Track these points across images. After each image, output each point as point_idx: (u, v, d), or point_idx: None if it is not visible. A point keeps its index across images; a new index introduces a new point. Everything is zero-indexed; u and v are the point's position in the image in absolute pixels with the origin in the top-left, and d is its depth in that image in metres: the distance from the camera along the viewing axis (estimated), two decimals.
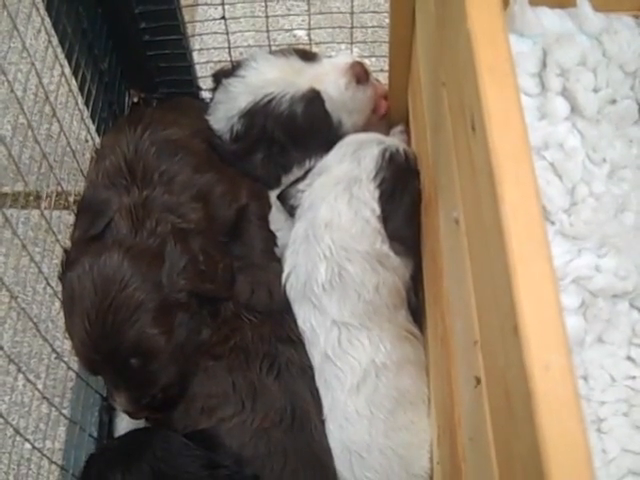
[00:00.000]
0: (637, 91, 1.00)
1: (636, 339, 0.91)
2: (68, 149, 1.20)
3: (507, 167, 0.55)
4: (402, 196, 1.14)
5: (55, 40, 1.17)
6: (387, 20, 1.20)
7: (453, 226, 0.82)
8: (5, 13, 0.95)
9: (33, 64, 1.01)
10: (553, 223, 0.94)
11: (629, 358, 0.91)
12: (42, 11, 1.11)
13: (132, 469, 0.99)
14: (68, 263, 1.11)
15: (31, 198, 1.47)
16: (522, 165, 0.55)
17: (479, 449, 0.69)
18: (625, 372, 0.90)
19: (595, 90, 0.98)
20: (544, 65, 0.98)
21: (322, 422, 1.10)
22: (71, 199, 1.32)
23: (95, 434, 1.20)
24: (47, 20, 1.13)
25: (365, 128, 1.28)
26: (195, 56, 1.43)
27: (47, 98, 1.10)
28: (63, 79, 1.18)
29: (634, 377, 0.90)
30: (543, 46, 0.99)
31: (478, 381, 0.68)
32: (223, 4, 1.32)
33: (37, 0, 1.09)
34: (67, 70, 1.21)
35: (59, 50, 1.18)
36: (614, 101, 0.99)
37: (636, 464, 0.84)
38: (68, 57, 1.20)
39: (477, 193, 0.63)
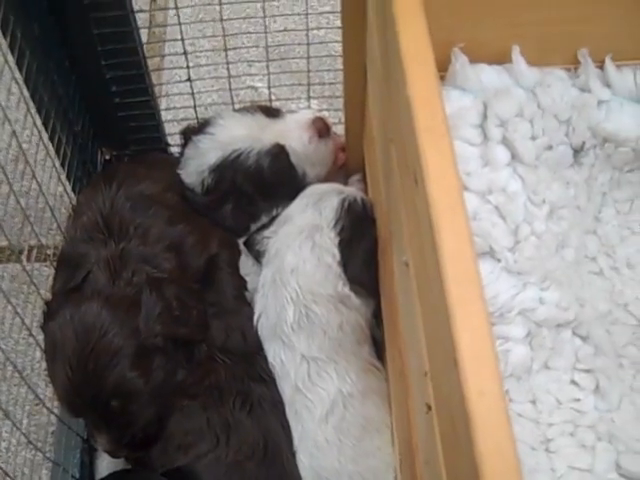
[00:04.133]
0: (571, 137, 1.04)
1: (579, 364, 0.95)
2: (45, 205, 1.22)
3: (444, 218, 0.60)
4: (360, 242, 1.18)
5: (33, 108, 1.20)
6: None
7: (404, 269, 0.86)
8: None
9: (14, 131, 1.05)
10: (499, 261, 0.98)
11: (573, 382, 0.94)
12: (21, 82, 1.14)
13: None
14: (49, 313, 1.13)
15: (8, 252, 1.50)
16: (457, 216, 0.60)
17: (433, 471, 0.73)
18: (570, 395, 0.93)
19: (532, 138, 1.03)
20: (485, 117, 1.02)
21: (293, 454, 1.13)
22: (49, 252, 1.35)
23: (77, 475, 1.21)
24: (25, 91, 1.17)
25: (326, 178, 1.33)
26: (163, 114, 1.47)
27: (26, 160, 1.14)
28: (41, 142, 1.22)
29: (578, 399, 0.93)
30: (483, 99, 1.04)
31: (429, 408, 0.72)
32: (188, 67, 1.36)
33: (17, 75, 1.13)
34: (44, 134, 1.24)
35: (37, 116, 1.21)
36: (550, 147, 1.04)
37: None
38: (45, 122, 1.24)
39: (421, 240, 0.69)
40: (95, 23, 1.23)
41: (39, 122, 1.22)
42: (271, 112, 1.33)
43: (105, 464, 1.23)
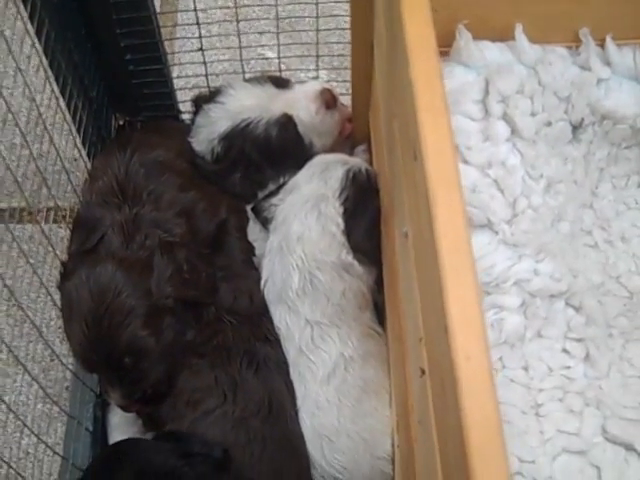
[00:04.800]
0: (570, 114, 1.06)
1: (571, 333, 0.97)
2: (60, 168, 1.25)
3: (440, 192, 0.64)
4: (363, 212, 1.22)
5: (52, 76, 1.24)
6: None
7: (404, 239, 0.90)
8: (10, 57, 1.03)
9: (34, 99, 1.08)
10: (497, 233, 1.00)
11: (564, 350, 0.97)
12: (40, 51, 1.17)
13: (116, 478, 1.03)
14: (66, 274, 1.16)
15: (24, 213, 1.53)
16: (453, 191, 0.64)
17: (425, 429, 0.77)
18: (561, 363, 0.96)
19: (532, 114, 1.04)
20: (487, 93, 1.04)
21: (296, 412, 1.16)
22: (63, 214, 1.39)
23: (91, 428, 1.25)
24: (44, 59, 1.20)
25: (332, 148, 1.35)
26: (175, 82, 1.48)
27: (44, 124, 1.17)
28: (58, 109, 1.25)
29: (569, 367, 0.95)
30: (486, 76, 1.05)
31: (423, 372, 0.76)
32: (200, 37, 1.38)
33: (36, 42, 1.16)
34: (61, 101, 1.27)
35: (54, 84, 1.25)
36: (550, 123, 1.05)
37: (569, 443, 0.89)
38: (62, 89, 1.27)
39: (418, 212, 0.72)
40: None
41: (57, 89, 1.25)
42: (280, 82, 1.35)
43: (117, 418, 1.27)
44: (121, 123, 1.51)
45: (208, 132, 1.33)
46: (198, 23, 1.35)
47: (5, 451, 1.30)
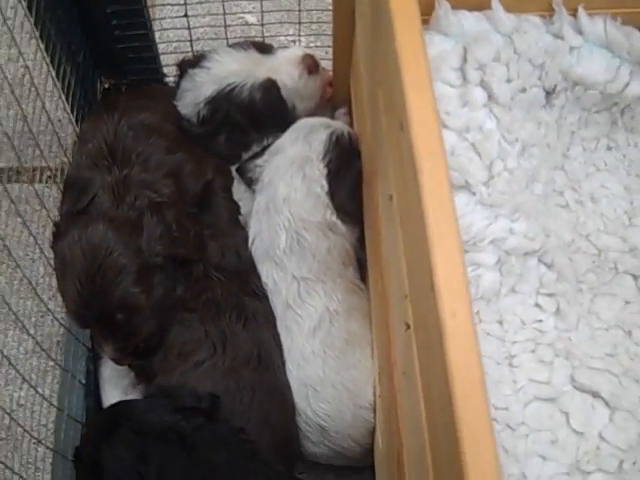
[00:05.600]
0: (544, 80, 1.07)
1: (543, 289, 1.01)
2: (45, 129, 1.27)
3: (425, 160, 0.67)
4: (346, 174, 1.25)
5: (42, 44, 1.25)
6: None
7: (388, 202, 0.93)
8: (4, 27, 1.04)
9: (27, 66, 1.10)
10: (474, 194, 1.02)
11: (537, 305, 1.00)
12: (32, 20, 1.19)
13: (116, 440, 1.03)
14: (59, 234, 1.18)
15: (10, 173, 1.53)
16: (437, 159, 0.68)
17: (410, 380, 0.81)
18: (533, 317, 0.99)
19: (508, 81, 1.05)
20: (465, 60, 1.05)
21: (283, 363, 1.20)
22: (49, 174, 1.40)
23: (84, 381, 1.28)
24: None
25: (314, 111, 1.38)
26: (160, 47, 1.49)
27: (36, 90, 1.19)
28: (49, 73, 1.27)
29: (541, 320, 0.99)
30: (464, 44, 1.06)
31: (408, 326, 0.79)
32: (185, 3, 1.40)
33: (27, 13, 1.17)
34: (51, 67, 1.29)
35: (45, 50, 1.26)
36: (524, 90, 1.06)
37: (540, 391, 0.93)
38: (52, 55, 1.27)
39: (404, 178, 0.75)
40: None
41: (46, 55, 1.26)
42: (264, 48, 1.37)
43: (109, 371, 1.30)
44: (107, 86, 1.51)
45: (194, 96, 1.34)
46: None
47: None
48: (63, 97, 1.34)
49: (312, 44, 1.66)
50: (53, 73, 1.29)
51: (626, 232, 1.07)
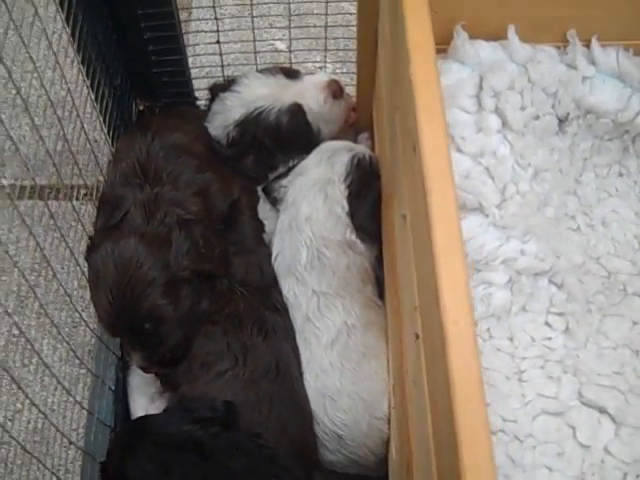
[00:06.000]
0: (557, 108, 1.10)
1: (553, 308, 1.04)
2: (82, 149, 1.32)
3: (435, 183, 0.72)
4: (366, 195, 1.28)
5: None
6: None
7: (402, 221, 0.96)
8: (51, 52, 1.10)
9: (69, 89, 1.15)
10: (487, 216, 1.04)
11: (546, 323, 1.03)
12: (75, 45, 1.25)
13: (139, 453, 1.06)
14: (93, 247, 1.22)
15: (48, 191, 1.59)
16: (446, 181, 0.72)
17: (418, 389, 0.84)
18: (543, 334, 1.02)
19: (522, 108, 1.08)
20: (480, 88, 1.09)
21: (301, 374, 1.22)
22: (83, 192, 1.44)
23: (113, 387, 1.31)
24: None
25: (338, 135, 1.42)
26: (192, 72, 1.55)
27: (77, 111, 1.24)
28: (88, 96, 1.33)
29: (550, 338, 1.02)
30: (480, 73, 1.10)
31: (417, 336, 0.83)
32: (218, 30, 1.45)
33: (71, 38, 1.23)
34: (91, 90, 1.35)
35: (85, 73, 1.32)
36: (538, 117, 1.10)
37: (548, 405, 0.96)
38: (92, 78, 1.33)
39: (416, 199, 0.79)
40: None
41: (87, 78, 1.32)
42: (291, 73, 1.40)
43: (137, 380, 1.33)
44: (141, 108, 1.56)
45: (224, 118, 1.38)
46: (216, 17, 1.42)
47: (33, 408, 1.34)
48: (100, 118, 1.40)
49: (338, 70, 1.71)
50: (92, 95, 1.35)
51: (636, 256, 1.09)
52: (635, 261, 1.09)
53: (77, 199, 1.51)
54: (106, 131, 1.43)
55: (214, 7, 1.40)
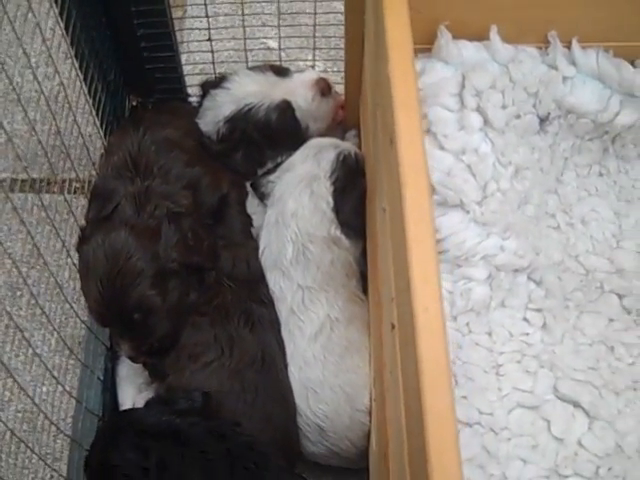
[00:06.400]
0: (538, 108, 1.12)
1: (531, 304, 1.06)
2: (75, 143, 1.33)
3: (409, 175, 0.74)
4: (351, 191, 1.30)
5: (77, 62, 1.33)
6: None
7: (382, 214, 0.98)
8: (44, 47, 1.12)
9: (62, 83, 1.17)
10: (468, 212, 1.06)
11: (525, 319, 1.05)
12: (68, 40, 1.26)
13: (121, 443, 1.08)
14: (84, 238, 1.23)
15: (43, 184, 1.59)
16: (420, 174, 0.74)
17: (394, 378, 0.86)
18: (521, 330, 1.04)
19: (503, 107, 1.10)
20: (463, 87, 1.11)
21: (285, 365, 1.24)
22: (75, 185, 1.47)
23: (102, 377, 1.33)
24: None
25: (326, 132, 1.43)
26: (184, 68, 1.56)
27: (70, 106, 1.26)
28: (81, 90, 1.34)
29: (528, 334, 1.04)
30: (462, 72, 1.11)
31: (393, 326, 0.85)
32: (209, 28, 1.47)
33: (65, 35, 1.25)
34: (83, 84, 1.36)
35: (78, 68, 1.34)
36: (519, 116, 1.11)
37: (524, 399, 0.98)
38: (85, 73, 1.35)
39: (392, 191, 0.82)
40: None
41: (80, 73, 1.34)
42: (280, 71, 1.43)
43: (125, 370, 1.35)
44: (134, 104, 1.57)
45: (214, 114, 1.40)
46: (207, 16, 1.44)
47: (23, 397, 1.38)
48: (94, 113, 1.41)
49: (329, 69, 1.72)
50: (85, 90, 1.36)
51: (613, 254, 1.11)
52: (613, 259, 1.11)
53: (70, 192, 1.53)
54: (99, 125, 1.45)
55: (205, 5, 1.42)
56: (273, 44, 1.68)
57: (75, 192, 1.53)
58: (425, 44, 1.13)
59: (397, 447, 0.84)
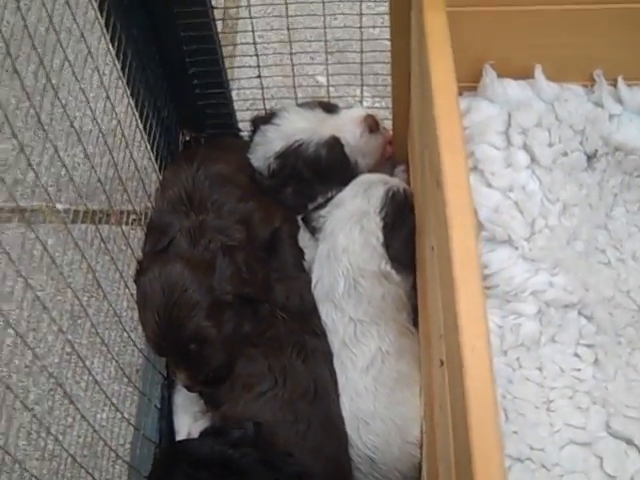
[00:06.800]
0: (585, 145, 1.13)
1: (582, 340, 1.05)
2: (132, 176, 1.39)
3: (456, 216, 0.76)
4: (401, 227, 1.32)
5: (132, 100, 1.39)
6: None
7: (431, 252, 1.00)
8: (103, 91, 1.17)
9: (119, 120, 1.23)
10: (516, 249, 1.07)
11: (576, 355, 1.04)
12: (124, 80, 1.32)
13: (175, 474, 1.12)
14: (141, 270, 1.27)
15: (102, 215, 1.62)
16: (466, 215, 0.76)
17: (443, 413, 0.87)
18: (572, 365, 1.03)
19: (550, 145, 1.11)
20: (509, 125, 1.12)
21: (338, 396, 1.25)
22: (132, 217, 1.51)
23: (159, 405, 1.36)
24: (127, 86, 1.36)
25: (375, 167, 1.45)
26: (235, 103, 1.61)
27: (126, 142, 1.31)
28: (137, 127, 1.39)
29: (579, 369, 1.02)
30: (508, 110, 1.12)
31: (442, 363, 0.87)
32: (259, 66, 1.51)
33: (121, 74, 1.31)
34: (139, 121, 1.42)
35: (134, 106, 1.40)
36: (566, 153, 1.12)
37: (576, 435, 0.97)
38: (140, 110, 1.40)
39: (440, 231, 0.84)
40: (182, 27, 1.39)
41: (136, 110, 1.40)
42: (329, 107, 1.45)
43: (181, 399, 1.38)
44: (187, 139, 1.62)
45: (265, 150, 1.43)
46: (257, 54, 1.49)
47: (84, 423, 1.40)
48: (149, 147, 1.46)
49: (377, 104, 1.75)
50: (141, 126, 1.42)
51: None
52: None
53: (127, 224, 1.58)
54: (154, 159, 1.50)
55: (255, 43, 1.46)
56: (322, 79, 1.71)
57: (132, 224, 1.57)
58: (471, 82, 1.15)
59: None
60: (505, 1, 1.07)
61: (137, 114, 1.41)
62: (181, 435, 1.36)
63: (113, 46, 1.28)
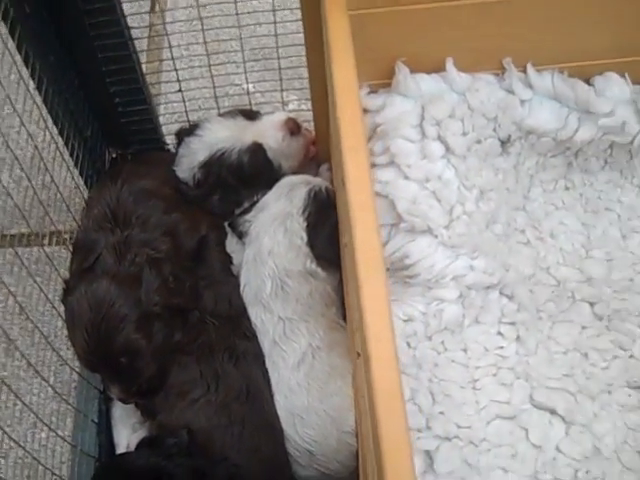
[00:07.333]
0: (498, 132, 1.14)
1: (504, 319, 1.08)
2: (61, 197, 1.38)
3: (357, 213, 0.78)
4: (323, 225, 1.33)
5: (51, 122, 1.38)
6: None
7: (345, 249, 1.02)
8: (13, 111, 1.16)
9: (36, 147, 1.23)
10: (436, 237, 1.10)
11: (499, 333, 1.07)
12: (40, 103, 1.32)
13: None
14: (68, 290, 1.27)
15: (32, 237, 1.63)
16: (368, 213, 0.78)
17: (363, 402, 0.88)
18: (495, 344, 1.06)
19: (463, 134, 1.12)
20: (423, 118, 1.13)
21: (271, 396, 1.26)
22: (65, 236, 1.51)
23: (96, 420, 1.36)
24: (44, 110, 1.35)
25: (299, 168, 1.47)
26: (163, 117, 1.63)
27: (44, 164, 1.31)
28: (57, 150, 1.39)
29: (502, 347, 1.06)
30: (422, 104, 1.13)
31: (358, 355, 0.88)
32: (179, 80, 1.53)
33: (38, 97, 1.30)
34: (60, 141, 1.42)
35: (54, 129, 1.40)
36: (479, 141, 1.13)
37: (501, 410, 1.00)
38: (60, 132, 1.40)
39: (347, 228, 0.85)
40: (99, 49, 1.39)
41: (56, 133, 1.40)
42: (250, 114, 1.47)
43: (119, 411, 1.38)
44: (114, 156, 1.63)
45: (189, 161, 1.44)
46: (176, 69, 1.51)
47: (26, 445, 1.40)
48: (71, 168, 1.46)
49: (303, 106, 1.77)
50: (61, 148, 1.41)
51: (583, 264, 1.14)
52: (582, 269, 1.14)
53: (57, 244, 1.57)
54: (81, 180, 1.50)
55: (173, 59, 1.48)
56: (251, 87, 1.73)
57: (63, 243, 1.56)
58: (386, 79, 1.17)
59: (370, 469, 0.87)
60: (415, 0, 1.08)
61: (57, 137, 1.40)
62: (120, 447, 1.36)
63: (28, 72, 1.28)
